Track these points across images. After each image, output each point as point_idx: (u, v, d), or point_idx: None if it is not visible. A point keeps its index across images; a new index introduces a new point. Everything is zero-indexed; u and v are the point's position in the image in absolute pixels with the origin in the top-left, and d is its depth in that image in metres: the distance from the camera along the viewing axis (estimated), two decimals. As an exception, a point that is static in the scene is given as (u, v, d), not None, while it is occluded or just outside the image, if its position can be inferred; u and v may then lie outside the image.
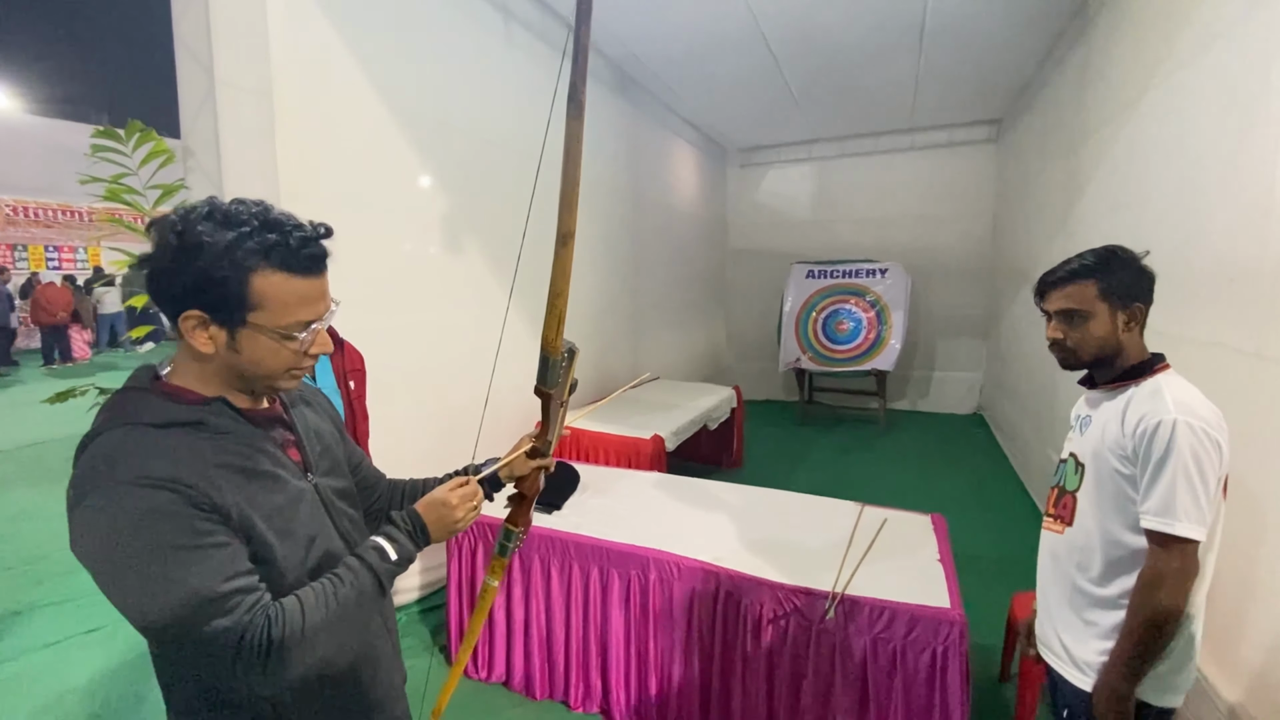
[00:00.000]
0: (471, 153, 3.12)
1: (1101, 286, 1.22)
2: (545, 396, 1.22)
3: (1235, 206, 1.82)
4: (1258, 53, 1.76)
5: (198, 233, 0.76)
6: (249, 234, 0.78)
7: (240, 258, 0.77)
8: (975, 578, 2.70)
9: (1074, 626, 1.27)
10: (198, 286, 0.77)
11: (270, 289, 0.79)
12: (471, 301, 3.10)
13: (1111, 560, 1.21)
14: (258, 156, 2.11)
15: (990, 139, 6.33)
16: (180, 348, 0.84)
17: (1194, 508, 1.08)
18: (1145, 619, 1.12)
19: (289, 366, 0.85)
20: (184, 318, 0.78)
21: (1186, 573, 1.10)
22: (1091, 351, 1.25)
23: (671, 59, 4.46)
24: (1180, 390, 1.16)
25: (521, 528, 1.27)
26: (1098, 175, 3.11)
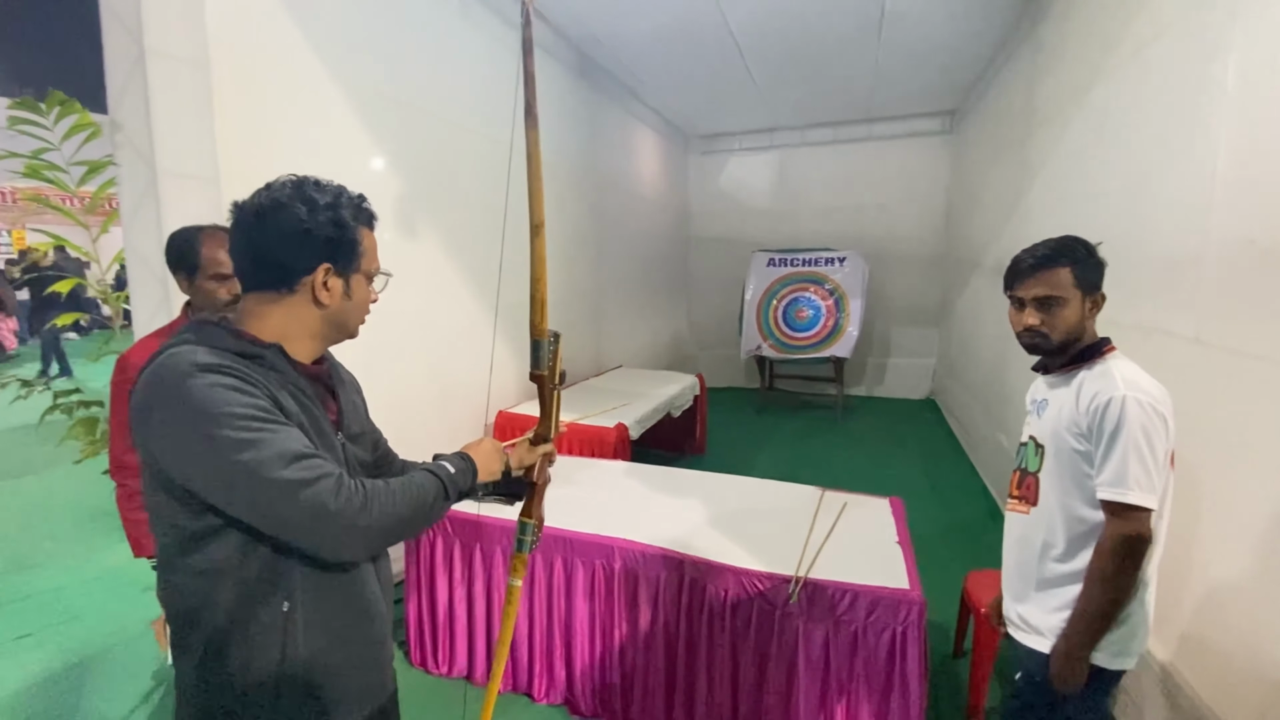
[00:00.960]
0: (427, 131, 3.01)
1: (1076, 274, 1.26)
2: (539, 380, 1.26)
3: (1178, 197, 1.89)
4: (1198, 48, 1.82)
5: (316, 197, 0.89)
6: (344, 198, 0.93)
7: (350, 215, 0.93)
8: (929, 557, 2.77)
9: (1038, 602, 1.32)
10: (333, 238, 0.90)
11: (365, 240, 0.97)
12: (426, 286, 3.01)
13: (1074, 536, 1.26)
14: (194, 132, 1.98)
15: (945, 130, 6.47)
16: (245, 310, 0.92)
17: (1145, 477, 1.15)
18: (1102, 584, 1.18)
19: (367, 311, 1.00)
20: (320, 270, 0.90)
21: (1141, 539, 1.16)
22: (1061, 337, 1.28)
23: (632, 41, 4.40)
24: (1128, 369, 1.23)
25: (535, 520, 1.31)
26: (1047, 166, 3.20)
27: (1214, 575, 1.63)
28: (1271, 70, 1.50)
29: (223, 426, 0.76)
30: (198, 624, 0.86)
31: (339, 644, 0.94)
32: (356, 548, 0.86)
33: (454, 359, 3.20)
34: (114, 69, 1.97)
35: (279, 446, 0.79)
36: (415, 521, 0.92)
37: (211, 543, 0.84)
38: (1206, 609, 1.65)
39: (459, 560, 2.22)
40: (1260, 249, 1.48)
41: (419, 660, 2.33)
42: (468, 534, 2.20)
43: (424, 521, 0.95)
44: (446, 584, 2.25)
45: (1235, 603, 1.55)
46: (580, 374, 4.68)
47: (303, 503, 0.78)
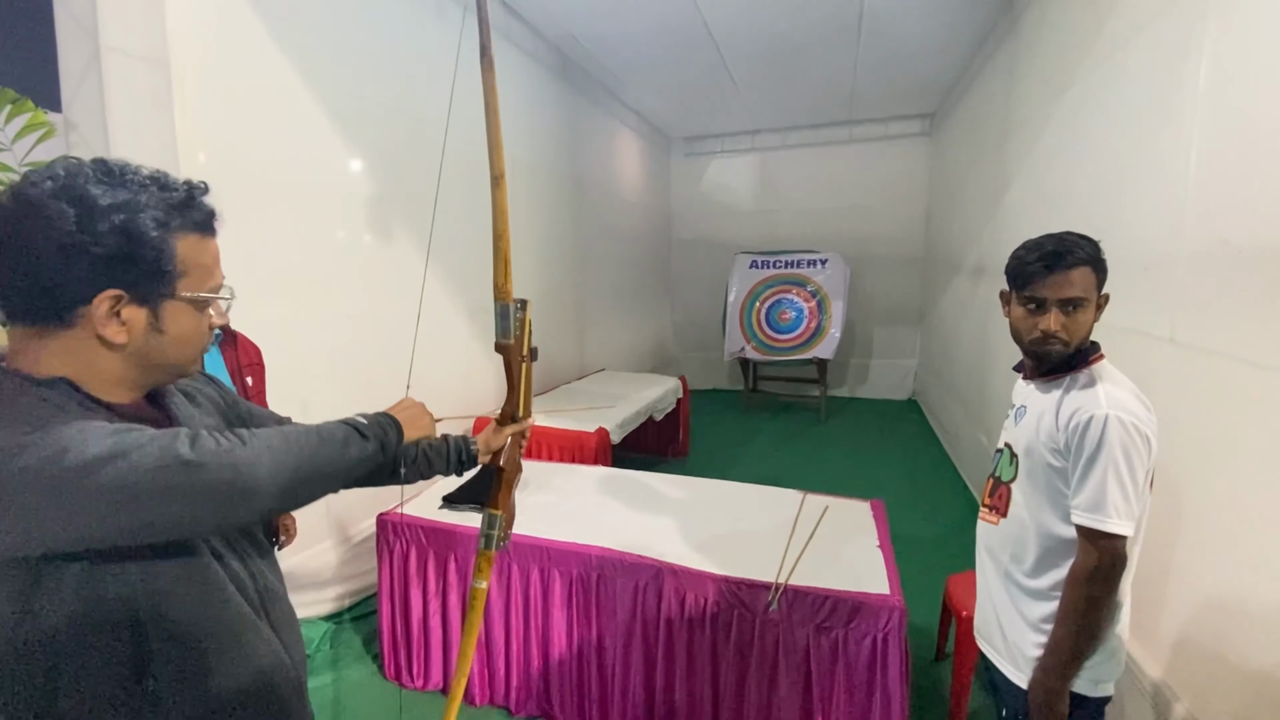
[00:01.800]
0: (395, 130, 2.95)
1: (1098, 276, 1.17)
2: (505, 350, 1.12)
3: (1152, 196, 1.89)
4: (1169, 52, 1.83)
5: (96, 195, 0.63)
6: (155, 192, 0.68)
7: (155, 219, 0.67)
8: (911, 560, 2.76)
9: (1011, 617, 1.28)
10: (120, 256, 0.64)
11: (190, 253, 0.71)
12: (396, 286, 2.95)
13: (1045, 551, 1.20)
14: (154, 131, 1.92)
15: (924, 132, 6.52)
16: (10, 348, 0.68)
17: (1123, 503, 1.09)
18: (1077, 614, 1.13)
19: (203, 345, 0.76)
20: (100, 300, 0.65)
21: (1116, 567, 1.11)
22: (1078, 343, 1.18)
23: (612, 42, 4.37)
24: (1114, 384, 1.15)
25: (503, 513, 1.13)
26: (1024, 168, 3.22)
27: (1196, 581, 1.62)
28: (1242, 71, 1.51)
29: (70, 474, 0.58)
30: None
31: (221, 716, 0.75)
32: (259, 495, 0.66)
33: (429, 362, 3.14)
34: (68, 67, 1.90)
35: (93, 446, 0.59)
36: (325, 456, 0.74)
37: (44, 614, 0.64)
38: (1186, 615, 1.64)
39: (432, 570, 2.17)
40: (1233, 249, 1.48)
41: (393, 673, 2.27)
42: (440, 543, 2.14)
43: (339, 461, 0.76)
44: (420, 594, 2.19)
45: (1214, 606, 1.54)
46: (563, 377, 4.63)
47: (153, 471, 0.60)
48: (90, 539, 0.61)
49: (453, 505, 2.35)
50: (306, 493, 0.74)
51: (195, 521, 0.66)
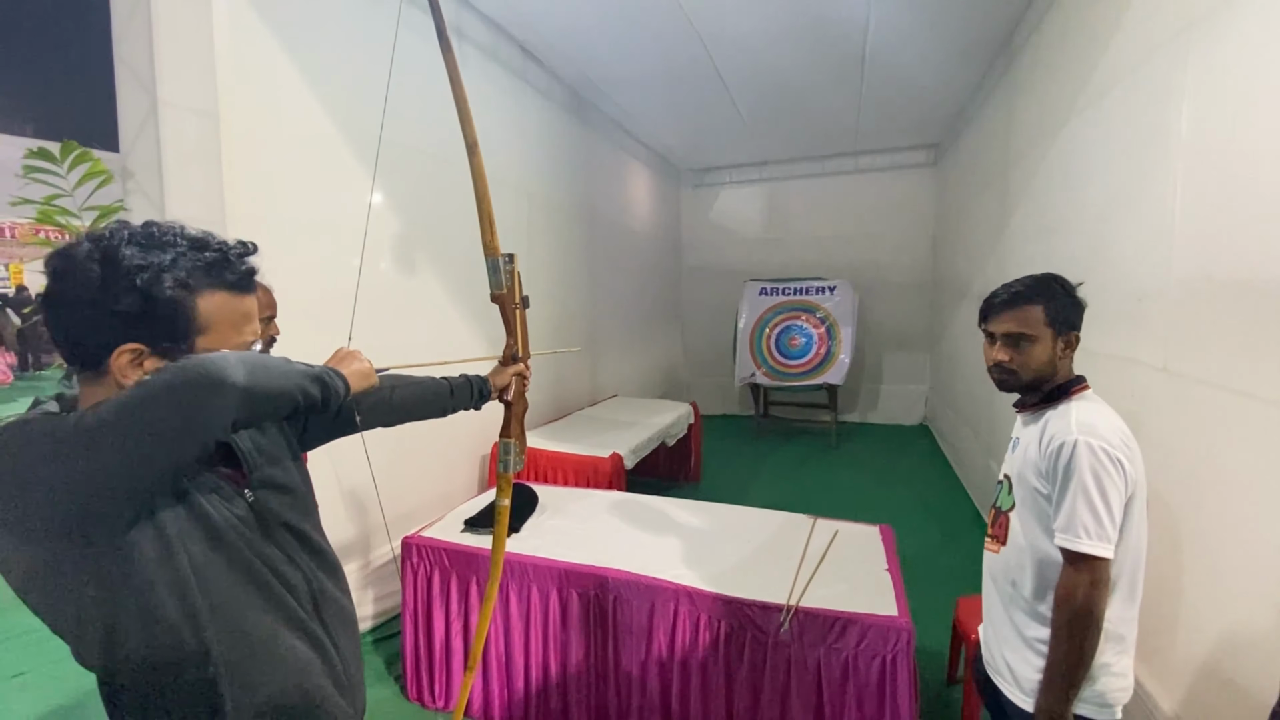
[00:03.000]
0: (425, 174, 3.11)
1: (1048, 312, 1.26)
2: (500, 300, 1.30)
3: (1142, 232, 1.98)
4: (1152, 97, 1.94)
5: (126, 257, 0.71)
6: (185, 253, 0.75)
7: (184, 278, 0.73)
8: (922, 584, 2.79)
9: (1013, 643, 1.31)
10: (138, 315, 0.71)
11: (215, 310, 0.77)
12: (420, 317, 3.08)
13: (1042, 576, 1.25)
14: (202, 178, 2.07)
15: (929, 162, 6.65)
16: (85, 392, 0.76)
17: (1094, 525, 1.13)
18: (1064, 634, 1.17)
19: None
20: (118, 354, 0.72)
21: (1096, 586, 1.14)
22: (1031, 374, 1.28)
23: (624, 83, 4.56)
24: (1087, 412, 1.21)
25: (514, 439, 1.33)
26: (1024, 200, 3.32)
27: (1202, 610, 1.65)
28: (1220, 117, 1.60)
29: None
30: (119, 693, 0.81)
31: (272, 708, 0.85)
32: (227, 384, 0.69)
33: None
34: (126, 118, 2.06)
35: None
36: (279, 367, 0.77)
37: (124, 608, 0.74)
38: (1195, 643, 1.67)
39: (455, 592, 2.24)
40: (1216, 284, 1.56)
41: (415, 695, 2.33)
42: (463, 565, 2.22)
43: (291, 374, 0.79)
44: (443, 616, 2.26)
45: (1220, 633, 1.57)
46: (576, 403, 4.73)
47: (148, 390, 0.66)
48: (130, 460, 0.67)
49: (474, 528, 2.45)
50: (263, 393, 0.74)
51: (184, 413, 0.68)
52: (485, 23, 3.53)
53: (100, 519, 0.69)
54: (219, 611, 0.79)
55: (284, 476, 0.95)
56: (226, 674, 0.80)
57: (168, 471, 0.72)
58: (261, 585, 0.85)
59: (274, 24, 2.30)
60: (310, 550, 0.95)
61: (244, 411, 0.72)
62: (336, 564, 1.01)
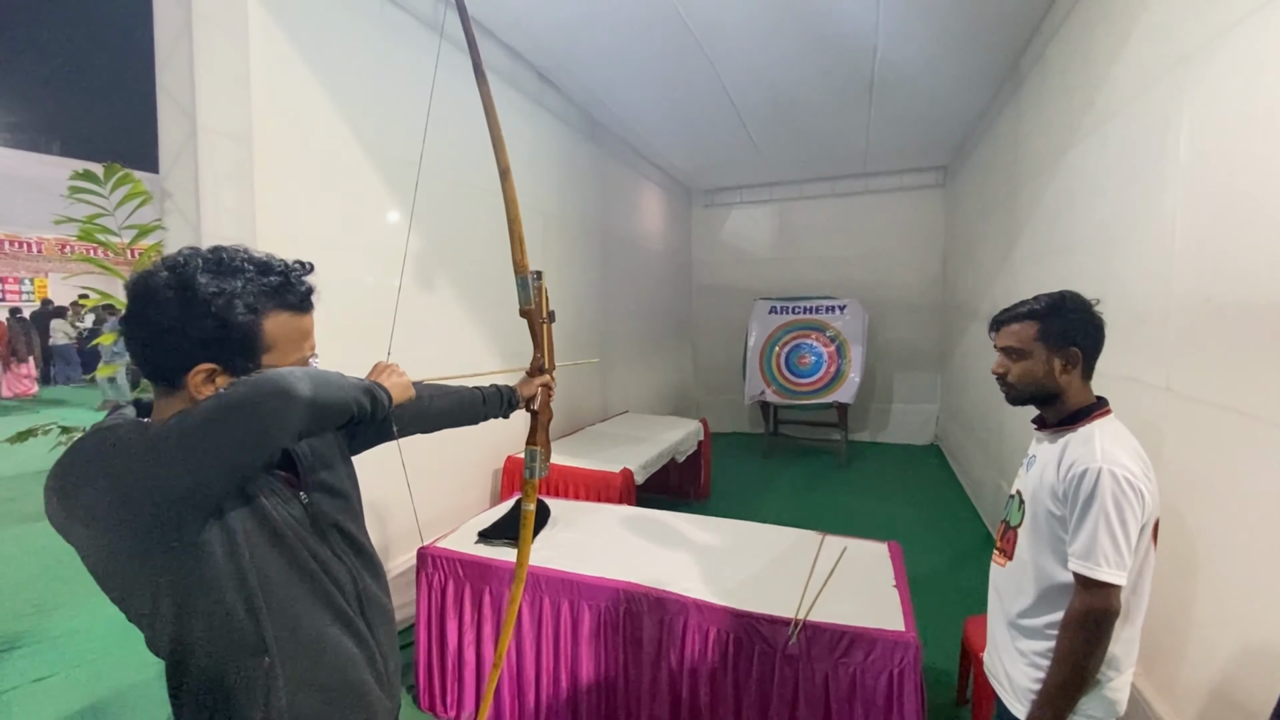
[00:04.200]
0: (445, 195, 3.22)
1: (1041, 329, 1.31)
2: (528, 315, 1.38)
3: (1144, 254, 2.02)
4: (1152, 123, 1.99)
5: (202, 285, 0.78)
6: (253, 278, 0.82)
7: (252, 301, 0.81)
8: (932, 603, 2.81)
9: (1012, 654, 1.36)
10: (213, 338, 0.79)
11: (279, 330, 0.84)
12: (444, 337, 3.16)
13: (1043, 592, 1.29)
14: (235, 199, 2.17)
15: (938, 184, 6.72)
16: (160, 404, 0.84)
17: (1114, 553, 1.15)
18: (1070, 656, 1.20)
19: None
20: (194, 373, 0.79)
21: (1108, 614, 1.17)
22: (1027, 388, 1.34)
23: (636, 106, 4.67)
24: (1110, 439, 1.23)
25: (540, 446, 1.41)
26: (1031, 222, 3.37)
27: (1210, 629, 1.66)
28: (1217, 145, 1.65)
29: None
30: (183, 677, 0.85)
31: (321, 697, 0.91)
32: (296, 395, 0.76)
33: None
34: (167, 142, 2.17)
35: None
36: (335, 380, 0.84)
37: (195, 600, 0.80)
38: (1203, 659, 1.68)
39: (469, 602, 2.29)
40: (1215, 306, 1.60)
41: (428, 704, 2.37)
42: (477, 576, 2.27)
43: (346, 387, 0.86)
44: (456, 627, 2.30)
45: (1226, 650, 1.59)
46: (588, 419, 4.78)
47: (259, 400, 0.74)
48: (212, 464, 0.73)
49: (488, 540, 2.50)
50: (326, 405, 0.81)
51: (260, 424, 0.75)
52: (505, 51, 3.66)
53: (181, 518, 0.76)
54: (277, 606, 0.86)
55: (335, 480, 1.02)
56: (281, 665, 0.86)
57: (240, 476, 0.80)
58: (314, 582, 0.91)
59: (305, 52, 2.42)
60: (356, 550, 1.02)
61: (310, 422, 0.79)
62: (379, 564, 1.07)
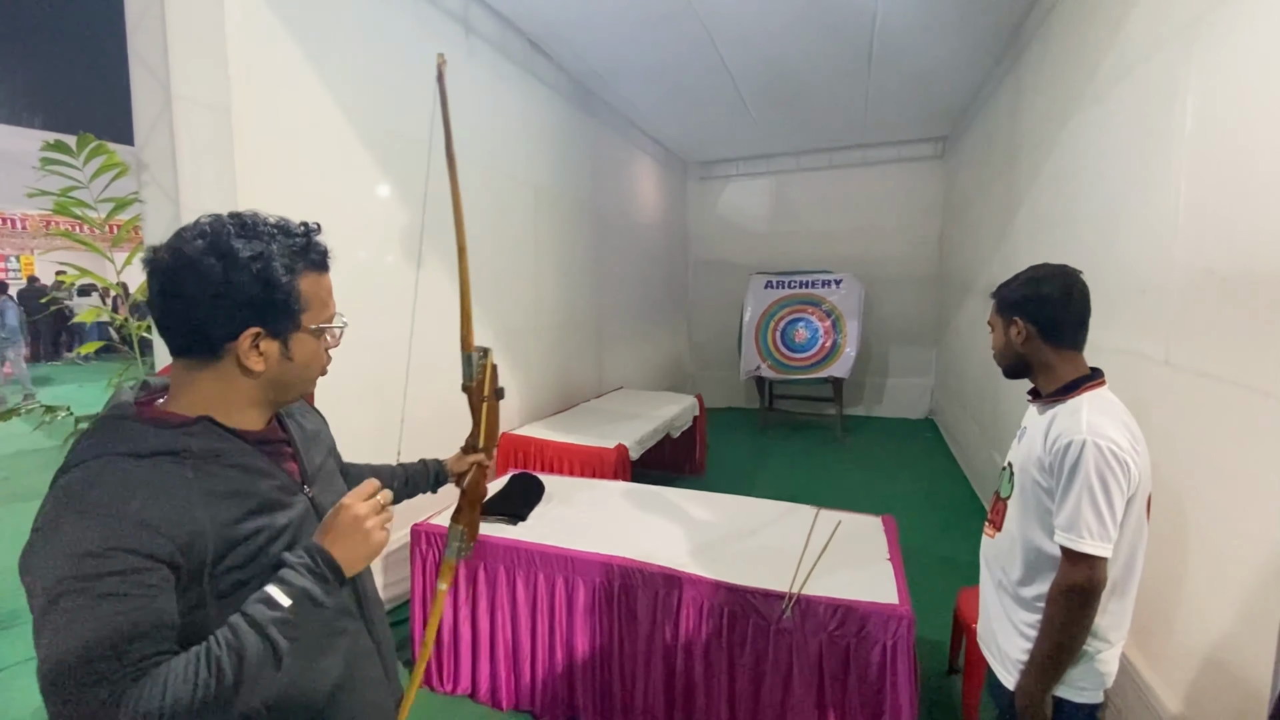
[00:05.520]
0: (435, 166, 3.14)
1: (997, 303, 1.39)
2: (468, 391, 1.36)
3: (1146, 225, 1.99)
4: (1156, 93, 1.94)
5: (238, 250, 0.76)
6: (281, 240, 0.81)
7: (289, 263, 0.80)
8: (925, 575, 2.83)
9: (1002, 624, 1.37)
10: (259, 300, 0.77)
11: (311, 289, 0.84)
12: (424, 310, 3.11)
13: (1030, 564, 1.29)
14: (215, 171, 2.10)
15: (937, 155, 6.63)
16: (187, 383, 0.80)
17: (1097, 525, 1.15)
18: (1055, 628, 1.21)
19: (322, 368, 0.89)
20: (244, 338, 0.78)
21: (1093, 585, 1.17)
22: (1003, 359, 1.41)
23: (631, 76, 4.56)
24: (1098, 411, 1.22)
25: (463, 525, 1.33)
26: (1030, 193, 3.32)
27: (1202, 600, 1.67)
28: (1224, 113, 1.61)
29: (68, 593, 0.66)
30: None
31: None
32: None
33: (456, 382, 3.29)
34: (141, 112, 2.09)
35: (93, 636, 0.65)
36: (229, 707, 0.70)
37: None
38: (1194, 629, 1.69)
39: (463, 579, 2.29)
40: (1218, 278, 1.57)
41: (424, 679, 2.38)
42: (471, 552, 2.26)
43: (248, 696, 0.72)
44: (451, 603, 2.31)
45: (1217, 621, 1.59)
46: (582, 395, 4.76)
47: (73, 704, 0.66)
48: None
49: (482, 516, 2.49)
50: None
51: None
52: (493, 16, 3.54)
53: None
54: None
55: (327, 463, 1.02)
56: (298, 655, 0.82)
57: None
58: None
59: (285, 18, 2.32)
60: None
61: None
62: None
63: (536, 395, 4.17)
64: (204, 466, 0.76)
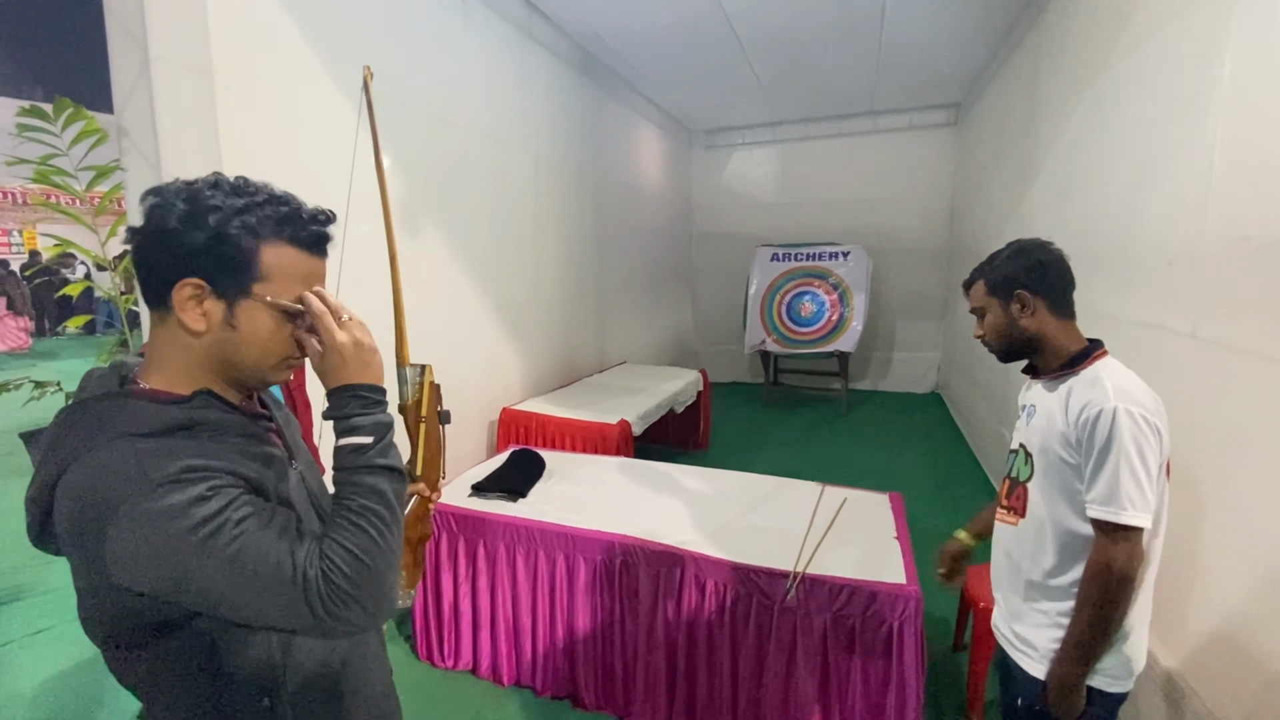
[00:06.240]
0: (430, 135, 3.04)
1: (987, 283, 1.32)
2: (403, 412, 1.18)
3: (1175, 192, 1.89)
4: (1195, 44, 1.82)
5: (207, 197, 0.73)
6: (262, 203, 0.76)
7: (253, 223, 0.74)
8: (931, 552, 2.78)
9: (1029, 618, 1.28)
10: (203, 249, 0.72)
11: (278, 261, 0.76)
12: (422, 281, 3.04)
13: (1064, 549, 1.21)
14: (198, 137, 2.01)
15: (949, 123, 6.43)
16: (152, 344, 0.77)
17: (1138, 495, 1.09)
18: (1094, 609, 1.13)
19: (283, 354, 0.80)
20: (180, 286, 0.72)
21: (1133, 560, 1.10)
22: (1002, 342, 1.32)
23: (635, 38, 4.40)
24: (1119, 377, 1.17)
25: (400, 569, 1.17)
26: (1049, 160, 3.19)
27: (1215, 575, 1.63)
28: (1269, 66, 1.50)
29: (203, 546, 0.66)
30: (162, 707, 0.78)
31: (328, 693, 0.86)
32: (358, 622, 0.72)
33: (456, 357, 3.24)
34: (120, 75, 2.00)
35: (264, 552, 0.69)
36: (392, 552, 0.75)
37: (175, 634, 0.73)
38: (1209, 611, 1.65)
39: (463, 555, 2.26)
40: (1255, 246, 1.48)
41: (425, 654, 2.38)
42: (470, 530, 2.23)
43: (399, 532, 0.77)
44: (451, 579, 2.28)
45: (1236, 603, 1.55)
46: (584, 370, 4.71)
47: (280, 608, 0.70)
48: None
49: (482, 493, 2.46)
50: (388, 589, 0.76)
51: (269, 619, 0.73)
52: (489, -26, 3.39)
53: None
54: None
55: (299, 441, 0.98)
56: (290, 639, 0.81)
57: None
58: None
59: (268, -25, 2.21)
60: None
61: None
62: None
63: (537, 369, 4.12)
64: (220, 438, 0.75)
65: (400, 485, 0.79)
